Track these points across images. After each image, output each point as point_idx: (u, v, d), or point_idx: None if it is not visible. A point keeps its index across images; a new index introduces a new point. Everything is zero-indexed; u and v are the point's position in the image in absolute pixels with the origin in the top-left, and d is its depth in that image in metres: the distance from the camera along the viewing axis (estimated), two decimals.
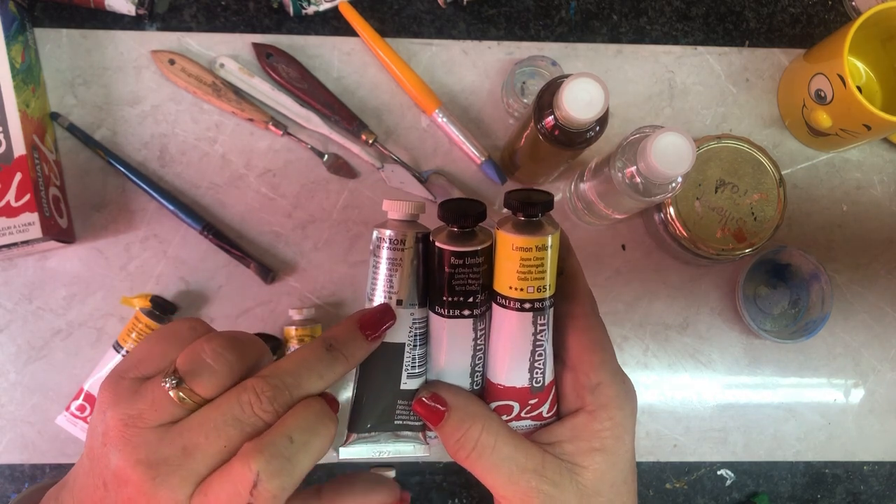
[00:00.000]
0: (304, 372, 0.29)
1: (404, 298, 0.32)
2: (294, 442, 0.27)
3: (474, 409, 0.32)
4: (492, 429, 0.32)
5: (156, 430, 0.27)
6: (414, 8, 0.64)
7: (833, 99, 0.58)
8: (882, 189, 0.66)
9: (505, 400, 0.33)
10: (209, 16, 0.63)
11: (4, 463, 0.60)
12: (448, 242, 0.31)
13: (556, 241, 0.31)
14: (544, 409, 0.33)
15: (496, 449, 0.31)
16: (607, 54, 0.65)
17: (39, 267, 0.61)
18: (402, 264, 0.31)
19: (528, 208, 0.31)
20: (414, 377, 0.32)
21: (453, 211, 0.31)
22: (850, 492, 0.66)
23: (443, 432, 0.32)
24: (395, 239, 0.31)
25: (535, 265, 0.30)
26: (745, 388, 0.65)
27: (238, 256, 0.60)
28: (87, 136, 0.61)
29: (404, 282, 0.31)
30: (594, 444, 0.32)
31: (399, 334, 0.32)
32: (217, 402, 0.28)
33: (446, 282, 0.31)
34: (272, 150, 0.63)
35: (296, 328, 0.59)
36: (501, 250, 0.31)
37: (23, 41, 0.58)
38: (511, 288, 0.31)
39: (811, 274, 0.63)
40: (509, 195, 0.31)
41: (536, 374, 0.32)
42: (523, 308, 0.31)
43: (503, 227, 0.31)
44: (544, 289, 0.31)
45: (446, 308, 0.31)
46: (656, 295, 0.65)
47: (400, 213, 0.32)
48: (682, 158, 0.45)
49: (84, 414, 0.59)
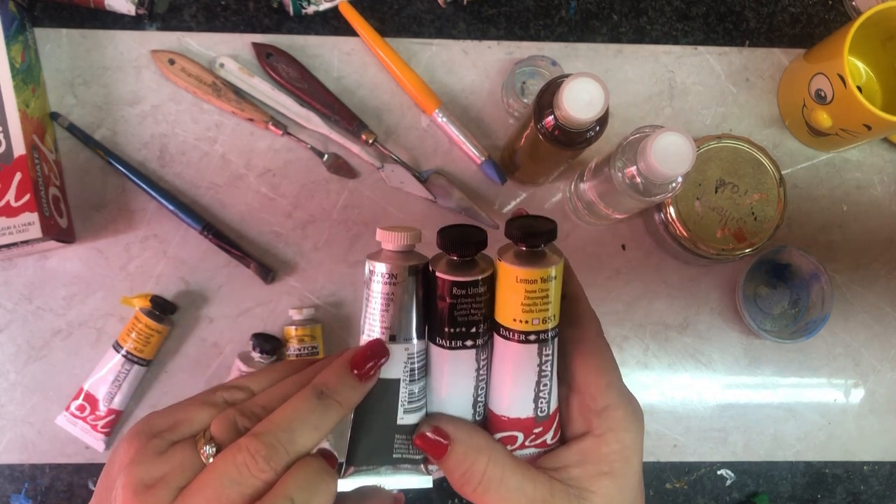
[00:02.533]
0: (298, 426, 0.28)
1: (398, 333, 0.30)
2: (295, 503, 0.27)
3: (479, 441, 0.31)
4: (498, 461, 0.31)
5: (169, 496, 0.27)
6: (414, 8, 0.64)
7: (833, 99, 0.58)
8: (882, 189, 0.66)
9: (509, 431, 0.32)
10: (209, 16, 0.63)
11: (4, 463, 0.60)
12: (448, 272, 0.30)
13: (561, 270, 0.30)
14: (549, 436, 0.32)
15: (504, 481, 0.30)
16: (607, 54, 0.65)
17: (39, 267, 0.61)
18: (395, 299, 0.30)
19: (532, 239, 0.29)
20: (411, 412, 0.31)
21: (453, 239, 0.30)
22: (850, 492, 0.66)
23: (447, 466, 0.31)
24: (388, 273, 0.30)
25: (540, 297, 0.29)
26: (745, 388, 0.65)
27: (238, 256, 0.60)
28: (87, 136, 0.61)
29: (398, 317, 0.30)
30: (602, 468, 0.31)
31: (394, 370, 0.31)
32: (214, 465, 0.27)
33: (447, 313, 0.30)
34: (272, 150, 0.63)
35: (296, 328, 0.59)
36: (504, 282, 0.30)
37: (23, 41, 0.58)
38: (515, 320, 0.30)
39: (811, 274, 0.63)
40: (510, 224, 0.30)
41: (541, 404, 0.31)
42: (528, 340, 0.30)
43: (505, 257, 0.30)
44: (549, 319, 0.30)
45: (447, 339, 0.30)
46: (656, 295, 0.65)
47: (394, 244, 0.30)
48: (682, 158, 0.45)
49: (84, 414, 0.59)
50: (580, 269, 0.63)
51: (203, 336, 0.62)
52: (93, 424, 0.59)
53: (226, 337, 0.62)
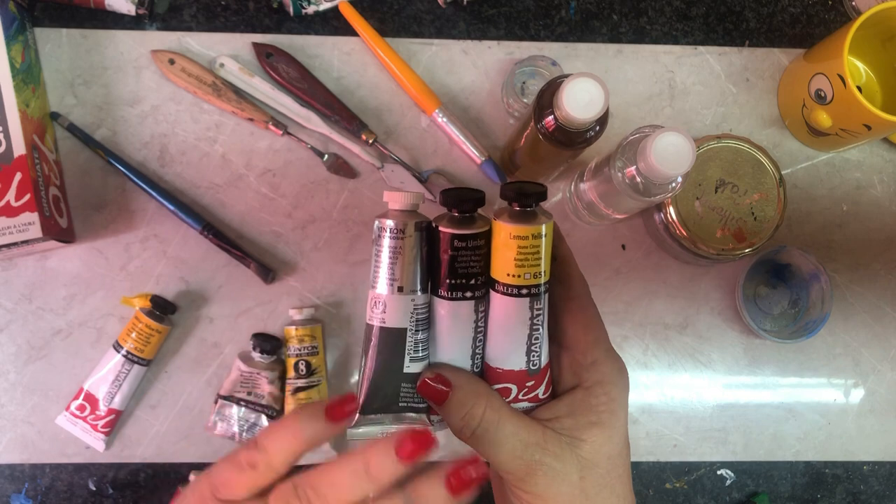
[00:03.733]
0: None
1: (405, 285, 0.33)
2: None
3: (477, 387, 0.33)
4: (495, 406, 0.33)
5: None
6: (414, 8, 0.64)
7: (833, 99, 0.58)
8: (882, 189, 0.66)
9: (503, 383, 0.34)
10: (209, 16, 0.63)
11: (4, 463, 0.60)
12: (450, 226, 0.32)
13: (550, 229, 0.33)
14: (540, 391, 0.34)
15: (500, 425, 0.32)
16: (607, 54, 0.65)
17: (39, 267, 0.61)
18: (402, 252, 0.32)
19: (524, 199, 0.32)
20: (416, 361, 0.34)
21: (454, 196, 0.33)
22: (849, 492, 0.66)
23: (447, 411, 0.33)
24: (395, 228, 0.32)
25: (532, 252, 0.32)
26: (744, 387, 0.65)
27: (238, 256, 0.60)
28: (87, 135, 0.61)
29: (405, 269, 0.33)
30: (591, 418, 0.33)
31: (401, 319, 0.33)
32: None
33: (448, 265, 0.32)
34: (272, 149, 0.63)
35: (296, 328, 0.59)
36: (499, 239, 0.32)
37: (23, 41, 0.58)
38: (509, 275, 0.32)
39: (811, 274, 0.63)
40: (505, 187, 0.33)
41: (533, 357, 0.34)
42: (521, 294, 0.32)
43: (500, 217, 0.32)
44: (540, 275, 0.32)
45: (449, 291, 0.33)
46: (656, 295, 0.65)
47: (400, 203, 0.33)
48: (682, 158, 0.45)
49: (84, 413, 0.59)
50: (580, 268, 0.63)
51: (203, 336, 0.62)
52: (93, 424, 0.59)
53: (226, 337, 0.62)
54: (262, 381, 0.59)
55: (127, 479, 0.61)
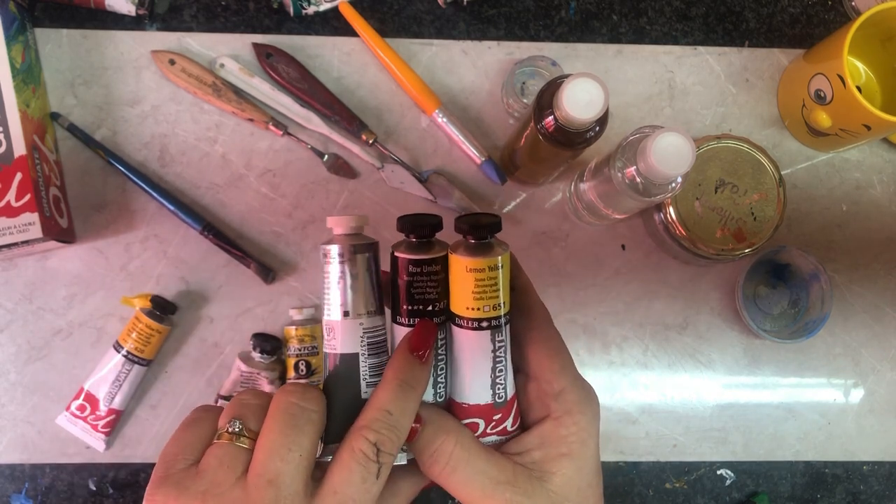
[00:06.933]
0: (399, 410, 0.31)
1: (351, 309, 0.33)
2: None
3: (447, 423, 0.33)
4: (465, 444, 0.32)
5: (234, 488, 0.29)
6: (414, 8, 0.64)
7: (833, 99, 0.58)
8: (882, 189, 0.66)
9: (470, 418, 0.34)
10: (209, 16, 0.63)
11: (4, 463, 0.60)
12: (406, 252, 0.32)
13: (507, 260, 0.32)
14: (508, 423, 0.34)
15: (470, 462, 0.32)
16: (607, 54, 0.65)
17: (40, 267, 0.61)
18: (344, 276, 0.33)
19: (478, 231, 0.32)
20: (373, 386, 0.33)
21: (410, 222, 0.33)
22: (849, 492, 0.66)
23: (416, 447, 0.32)
24: (338, 252, 0.33)
25: (490, 285, 0.32)
26: (744, 387, 0.65)
27: (238, 256, 0.60)
28: (87, 136, 0.61)
29: (351, 293, 0.33)
30: (562, 449, 0.33)
31: (352, 344, 0.33)
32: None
33: (406, 290, 0.32)
34: (272, 150, 0.63)
35: (296, 328, 0.59)
36: (455, 273, 0.32)
37: (23, 41, 0.59)
38: (468, 308, 0.32)
39: (811, 274, 0.63)
40: (459, 220, 0.33)
41: (499, 390, 0.33)
42: (481, 327, 0.32)
43: (456, 251, 0.32)
44: (500, 306, 0.32)
45: (406, 317, 0.33)
46: (656, 295, 0.65)
47: (342, 227, 0.33)
48: (682, 158, 0.45)
49: (84, 414, 0.59)
50: (580, 269, 0.63)
51: (203, 336, 0.62)
52: (93, 424, 0.59)
53: (226, 337, 0.62)
54: (263, 382, 0.59)
55: (127, 479, 0.61)
